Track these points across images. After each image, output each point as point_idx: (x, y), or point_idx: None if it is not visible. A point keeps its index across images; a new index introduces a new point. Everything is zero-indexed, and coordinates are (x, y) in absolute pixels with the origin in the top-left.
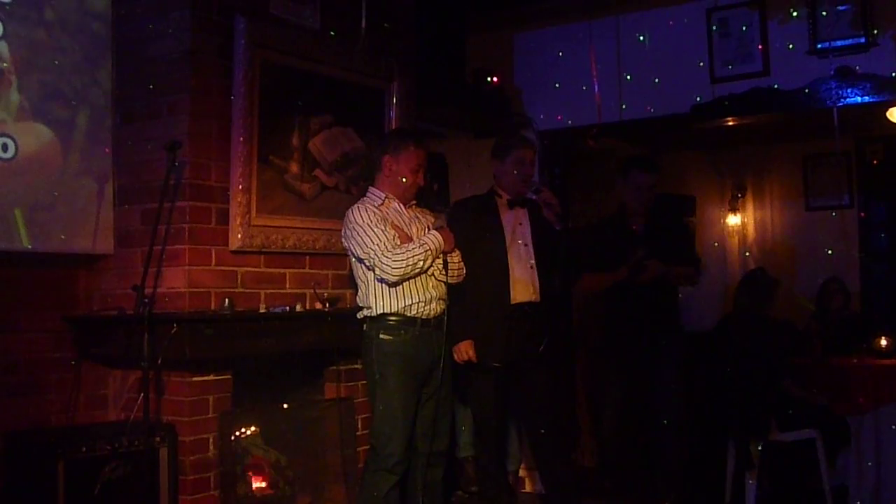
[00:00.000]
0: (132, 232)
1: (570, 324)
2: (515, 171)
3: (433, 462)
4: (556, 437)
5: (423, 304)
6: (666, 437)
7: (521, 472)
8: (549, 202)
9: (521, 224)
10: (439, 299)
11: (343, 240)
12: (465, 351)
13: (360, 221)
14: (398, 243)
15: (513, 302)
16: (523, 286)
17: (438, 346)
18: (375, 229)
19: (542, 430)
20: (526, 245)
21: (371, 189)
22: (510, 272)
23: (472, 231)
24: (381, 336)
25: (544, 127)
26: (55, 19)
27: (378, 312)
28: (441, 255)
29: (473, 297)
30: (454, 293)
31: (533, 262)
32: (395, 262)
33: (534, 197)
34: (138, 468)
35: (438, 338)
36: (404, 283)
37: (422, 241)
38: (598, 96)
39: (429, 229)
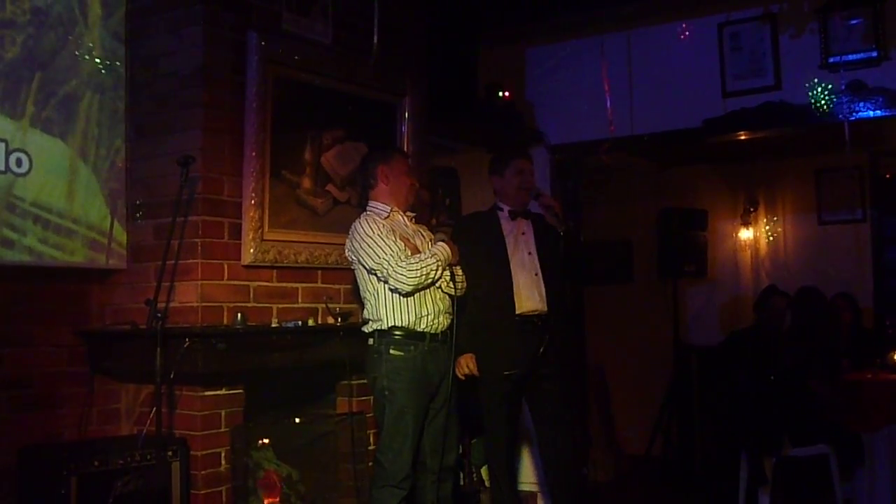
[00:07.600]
0: (145, 246)
1: (583, 335)
2: (516, 182)
3: (443, 477)
4: (568, 450)
5: (433, 318)
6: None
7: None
8: (548, 205)
9: (523, 233)
10: (446, 312)
11: (348, 253)
12: (465, 364)
13: (370, 233)
14: (409, 254)
15: (518, 311)
16: (528, 295)
17: (445, 361)
18: (386, 240)
19: (555, 442)
20: (530, 254)
21: (373, 202)
22: (514, 282)
23: (475, 245)
24: (392, 351)
25: (556, 141)
26: (70, 35)
27: (388, 325)
28: (448, 267)
29: (478, 310)
30: (459, 307)
31: (538, 270)
32: (409, 271)
33: (535, 202)
34: (150, 482)
35: (445, 352)
36: (416, 296)
37: (433, 252)
38: (610, 111)
39: (432, 242)
